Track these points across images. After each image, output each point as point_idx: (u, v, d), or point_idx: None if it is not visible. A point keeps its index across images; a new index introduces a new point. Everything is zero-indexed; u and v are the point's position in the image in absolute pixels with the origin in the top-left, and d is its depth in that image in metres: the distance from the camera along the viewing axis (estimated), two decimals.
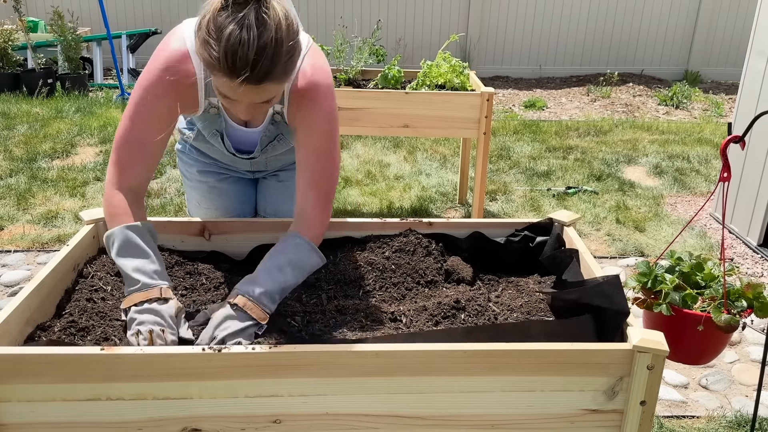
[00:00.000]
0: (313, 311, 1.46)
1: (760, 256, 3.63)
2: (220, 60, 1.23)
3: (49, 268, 1.41)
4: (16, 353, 1.13)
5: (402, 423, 1.20)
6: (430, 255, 1.67)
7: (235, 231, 1.71)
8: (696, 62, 8.45)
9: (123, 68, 7.28)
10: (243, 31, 1.20)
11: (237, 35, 1.21)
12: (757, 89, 3.64)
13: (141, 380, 1.14)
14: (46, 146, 5.07)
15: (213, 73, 1.29)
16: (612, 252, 3.67)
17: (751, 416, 2.13)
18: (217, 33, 1.22)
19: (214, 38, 1.23)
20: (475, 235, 1.72)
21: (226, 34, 1.21)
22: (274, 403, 1.17)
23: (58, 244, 3.61)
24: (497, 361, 1.16)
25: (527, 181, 4.66)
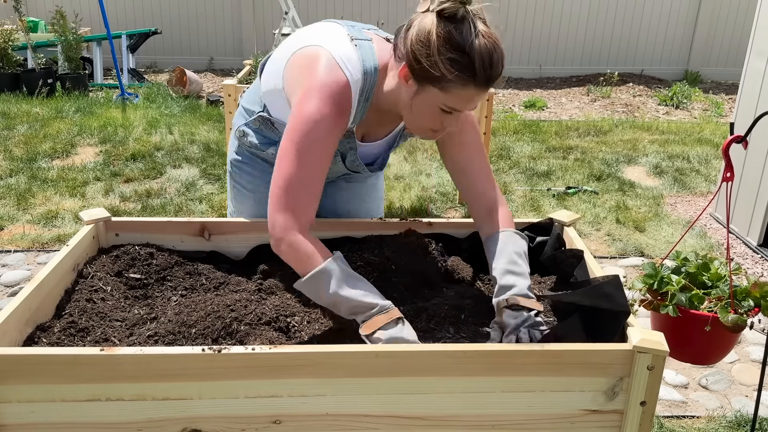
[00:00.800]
0: (313, 311, 1.46)
1: (760, 256, 3.63)
2: (478, 73, 1.29)
3: (49, 268, 1.41)
4: (16, 354, 1.13)
5: (402, 423, 1.20)
6: (430, 255, 1.67)
7: (235, 231, 1.71)
8: (696, 62, 8.45)
9: (123, 68, 7.28)
10: (485, 40, 1.28)
11: (485, 46, 1.28)
12: (757, 89, 3.64)
13: (141, 381, 1.14)
14: (46, 146, 5.07)
15: (460, 87, 1.31)
16: (612, 252, 3.67)
17: (751, 416, 2.13)
18: (467, 48, 1.27)
19: (464, 53, 1.28)
20: (475, 235, 1.72)
21: (477, 47, 1.27)
22: (273, 404, 1.17)
23: (58, 244, 3.61)
24: (497, 361, 1.16)
25: (527, 181, 4.66)
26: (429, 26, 1.29)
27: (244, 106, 1.74)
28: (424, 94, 1.36)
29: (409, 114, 1.43)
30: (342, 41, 1.48)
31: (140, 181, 4.54)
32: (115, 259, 1.61)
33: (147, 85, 7.13)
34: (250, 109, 1.71)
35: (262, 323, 1.37)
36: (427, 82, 1.33)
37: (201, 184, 4.49)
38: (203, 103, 6.58)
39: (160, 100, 6.48)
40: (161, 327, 1.35)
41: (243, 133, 1.73)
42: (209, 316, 1.37)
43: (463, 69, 1.29)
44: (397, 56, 1.40)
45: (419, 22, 1.32)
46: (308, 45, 1.49)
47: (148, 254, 1.63)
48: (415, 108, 1.40)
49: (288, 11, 7.01)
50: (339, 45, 1.46)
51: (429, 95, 1.35)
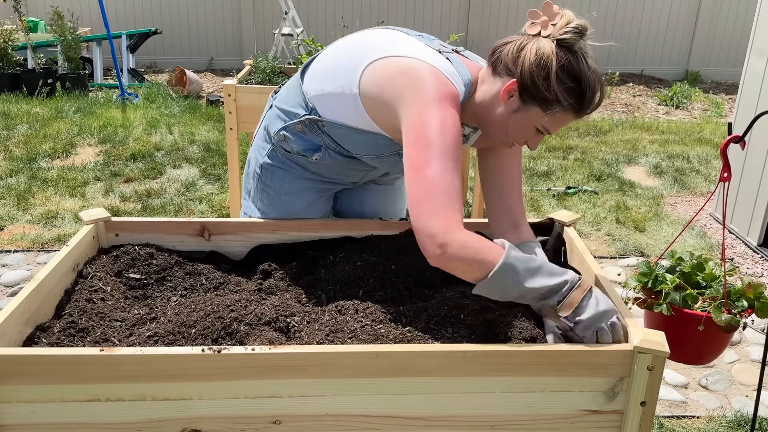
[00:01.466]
0: (312, 311, 1.46)
1: (760, 256, 3.63)
2: (585, 104, 1.40)
3: (49, 268, 1.41)
4: (16, 354, 1.13)
5: (402, 424, 1.20)
6: None
7: (235, 231, 1.71)
8: (696, 62, 8.46)
9: (123, 68, 7.28)
10: (595, 75, 1.40)
11: (595, 81, 1.39)
12: (757, 89, 3.64)
13: (140, 381, 1.14)
14: (46, 146, 5.07)
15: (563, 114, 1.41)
16: (612, 252, 3.67)
17: (751, 416, 2.13)
18: (583, 80, 1.38)
19: (580, 84, 1.38)
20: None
21: (590, 81, 1.38)
22: (273, 404, 1.17)
23: (58, 244, 3.61)
24: (497, 361, 1.16)
25: (527, 181, 4.66)
26: (548, 53, 1.36)
27: (280, 108, 1.68)
28: (526, 112, 1.42)
29: (499, 127, 1.47)
30: (429, 52, 1.48)
31: (140, 181, 4.54)
32: (115, 259, 1.61)
33: (147, 85, 7.13)
34: (290, 111, 1.65)
35: (262, 323, 1.37)
36: (534, 102, 1.40)
37: (201, 184, 4.49)
38: (203, 103, 6.58)
39: (160, 100, 6.48)
40: (161, 327, 1.34)
41: (284, 137, 1.66)
42: (209, 316, 1.37)
43: (576, 98, 1.38)
44: (497, 72, 1.45)
45: (536, 46, 1.38)
46: (394, 56, 1.46)
47: (148, 254, 1.63)
48: (512, 123, 1.45)
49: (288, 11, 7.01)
50: (432, 57, 1.46)
51: (530, 114, 1.42)
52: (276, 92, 1.78)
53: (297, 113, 1.63)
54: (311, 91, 1.60)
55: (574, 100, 1.38)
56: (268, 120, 1.75)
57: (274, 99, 1.75)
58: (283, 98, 1.71)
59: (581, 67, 1.37)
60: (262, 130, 1.78)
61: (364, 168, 1.73)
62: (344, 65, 1.54)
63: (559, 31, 1.37)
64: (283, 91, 1.74)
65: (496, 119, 1.46)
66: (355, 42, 1.59)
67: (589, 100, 1.39)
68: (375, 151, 1.61)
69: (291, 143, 1.67)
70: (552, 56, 1.36)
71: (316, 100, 1.59)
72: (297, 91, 1.66)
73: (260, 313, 1.40)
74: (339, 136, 1.60)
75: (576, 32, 1.37)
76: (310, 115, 1.60)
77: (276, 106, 1.72)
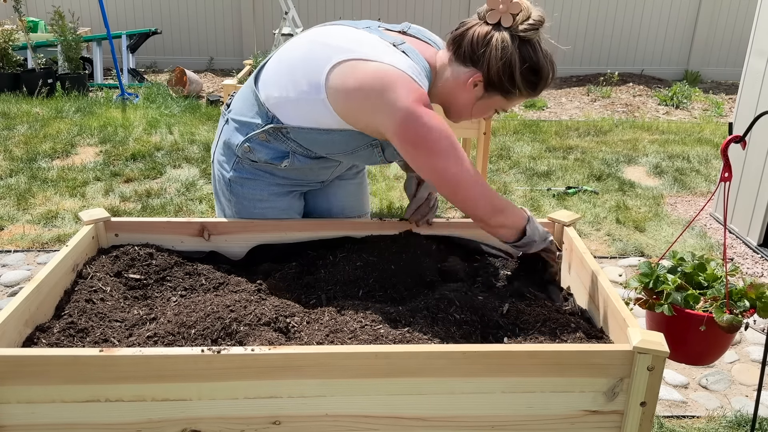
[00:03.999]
0: (312, 311, 1.46)
1: (760, 256, 3.62)
2: (541, 88, 1.55)
3: (49, 268, 1.41)
4: (16, 354, 1.13)
5: (402, 424, 1.20)
6: (430, 255, 1.67)
7: (235, 231, 1.71)
8: (696, 62, 8.46)
9: (123, 68, 7.28)
10: (548, 62, 1.53)
11: (549, 67, 1.53)
12: (757, 89, 3.64)
13: (140, 381, 1.14)
14: (46, 146, 5.07)
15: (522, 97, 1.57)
16: (612, 252, 3.66)
17: (751, 416, 2.13)
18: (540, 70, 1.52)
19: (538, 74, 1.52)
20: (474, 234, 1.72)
21: (545, 69, 1.52)
22: (273, 405, 1.17)
23: (58, 244, 3.61)
24: (497, 362, 1.16)
25: (527, 181, 4.66)
26: (513, 51, 1.47)
27: (237, 120, 1.66)
28: (489, 99, 1.56)
29: (465, 110, 1.61)
30: (390, 51, 1.51)
31: (140, 181, 4.54)
32: (115, 259, 1.61)
33: (147, 85, 7.13)
34: (250, 122, 1.63)
35: (262, 324, 1.37)
36: (497, 92, 1.54)
37: (201, 184, 4.49)
38: (203, 103, 6.58)
39: (160, 100, 6.48)
40: (161, 327, 1.34)
41: (248, 149, 1.64)
42: (209, 316, 1.37)
43: (533, 86, 1.53)
44: (459, 59, 1.54)
45: (501, 43, 1.47)
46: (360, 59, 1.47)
47: (148, 254, 1.63)
48: (476, 108, 1.59)
49: (288, 11, 7.01)
50: (394, 57, 1.50)
51: (493, 100, 1.56)
52: (228, 105, 1.75)
53: (257, 123, 1.61)
54: (270, 99, 1.58)
55: (532, 88, 1.54)
56: (226, 135, 1.71)
57: (229, 112, 1.71)
58: (238, 110, 1.68)
59: (539, 60, 1.50)
60: (221, 145, 1.74)
61: (332, 165, 1.75)
62: (304, 68, 1.53)
63: (520, 25, 1.47)
64: (236, 103, 1.71)
65: (462, 103, 1.59)
66: (310, 43, 1.57)
67: (544, 85, 1.55)
68: (347, 148, 1.61)
69: (257, 153, 1.64)
70: (515, 54, 1.48)
71: (277, 108, 1.57)
72: (253, 100, 1.63)
73: (260, 313, 1.40)
74: (306, 140, 1.59)
75: (534, 27, 1.48)
76: (272, 124, 1.58)
77: (232, 120, 1.68)
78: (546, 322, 1.40)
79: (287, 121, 1.57)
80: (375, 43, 1.53)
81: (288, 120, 1.56)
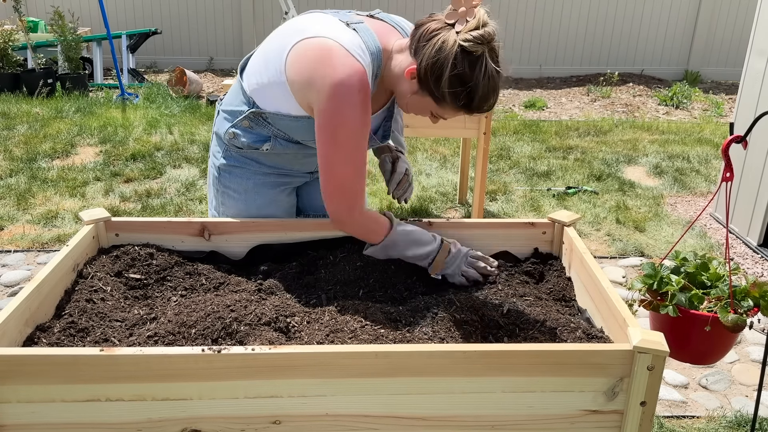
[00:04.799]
0: (312, 311, 1.46)
1: (760, 256, 3.63)
2: (473, 107, 1.45)
3: (49, 268, 1.41)
4: (16, 354, 1.13)
5: (402, 424, 1.20)
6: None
7: (235, 231, 1.71)
8: (696, 62, 8.45)
9: (123, 68, 7.28)
10: (490, 81, 1.41)
11: (487, 87, 1.41)
12: (757, 89, 3.64)
13: (140, 381, 1.14)
14: (46, 146, 5.07)
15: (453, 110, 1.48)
16: (612, 252, 3.67)
17: (751, 416, 2.13)
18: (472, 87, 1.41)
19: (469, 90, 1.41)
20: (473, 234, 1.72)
21: (480, 88, 1.41)
22: (273, 404, 1.17)
23: (58, 244, 3.61)
24: (497, 361, 1.16)
25: (527, 181, 4.66)
26: (448, 54, 1.40)
27: (226, 110, 1.74)
28: (422, 97, 1.50)
29: (403, 100, 1.57)
30: (340, 28, 1.53)
31: (140, 181, 4.54)
32: (115, 259, 1.61)
33: (147, 85, 7.13)
34: (234, 110, 1.70)
35: (262, 323, 1.37)
36: (426, 91, 1.47)
37: (201, 184, 4.49)
38: (203, 103, 6.58)
39: (160, 100, 6.48)
40: (161, 327, 1.34)
41: (233, 135, 1.71)
42: (209, 316, 1.37)
43: (462, 102, 1.44)
44: (410, 50, 1.49)
45: (440, 44, 1.41)
46: (308, 36, 1.52)
47: (148, 254, 1.63)
48: (411, 101, 1.54)
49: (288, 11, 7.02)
50: (340, 33, 1.51)
51: (425, 100, 1.50)
52: (221, 100, 1.83)
53: (241, 111, 1.68)
54: (250, 87, 1.66)
55: (460, 103, 1.44)
56: (216, 126, 1.80)
57: (220, 105, 1.79)
58: (227, 101, 1.76)
59: (474, 75, 1.40)
60: (214, 138, 1.83)
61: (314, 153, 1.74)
62: (272, 55, 1.60)
63: (465, 34, 1.39)
64: (227, 95, 1.79)
65: (401, 92, 1.56)
66: (282, 31, 1.63)
67: (477, 105, 1.45)
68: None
69: (240, 138, 1.71)
70: (449, 58, 1.39)
71: (255, 94, 1.64)
72: (238, 90, 1.71)
73: (260, 313, 1.40)
74: (283, 125, 1.65)
75: (479, 42, 1.38)
76: (253, 109, 1.65)
77: (222, 111, 1.76)
78: (546, 322, 1.40)
79: (265, 107, 1.64)
80: (327, 21, 1.57)
81: (265, 105, 1.64)
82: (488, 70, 1.40)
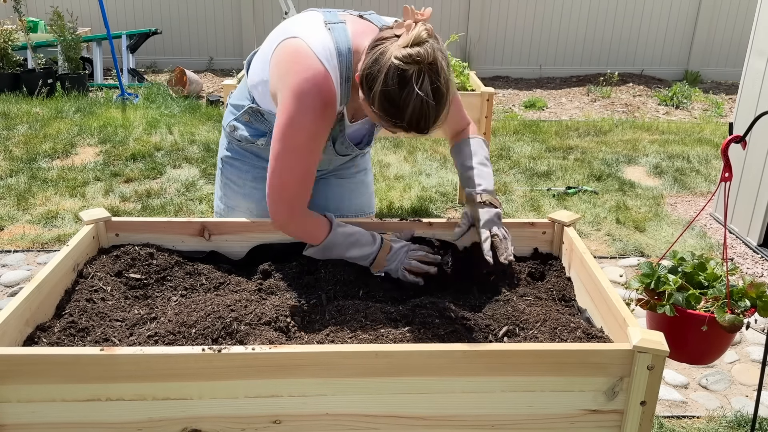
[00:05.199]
0: (313, 311, 1.46)
1: (760, 256, 3.63)
2: (405, 127, 1.36)
3: (49, 268, 1.41)
4: (16, 354, 1.13)
5: (402, 423, 1.20)
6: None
7: (235, 231, 1.71)
8: (696, 62, 8.45)
9: (123, 68, 7.28)
10: (423, 105, 1.31)
11: (419, 110, 1.31)
12: (757, 89, 3.64)
13: (141, 381, 1.14)
14: (46, 146, 5.07)
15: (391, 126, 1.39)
16: (612, 252, 3.67)
17: (751, 416, 2.13)
18: (401, 105, 1.32)
19: (398, 109, 1.33)
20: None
21: (410, 111, 1.32)
22: (273, 404, 1.17)
23: (58, 244, 3.61)
24: (497, 361, 1.16)
25: (527, 181, 4.66)
26: (381, 67, 1.32)
27: (232, 104, 1.80)
28: (367, 105, 1.42)
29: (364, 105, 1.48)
30: (317, 28, 1.54)
31: (140, 181, 4.54)
32: (115, 259, 1.61)
33: (147, 85, 7.13)
34: (238, 104, 1.75)
35: (262, 323, 1.37)
36: (366, 103, 1.41)
37: (201, 184, 4.49)
38: (203, 103, 6.58)
39: (160, 100, 6.48)
40: (161, 327, 1.35)
41: (233, 127, 1.77)
42: (209, 316, 1.37)
43: (393, 120, 1.36)
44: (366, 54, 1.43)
45: (380, 52, 1.34)
46: (288, 36, 1.54)
47: (148, 254, 1.63)
48: (364, 105, 1.45)
49: (288, 11, 7.01)
50: (314, 32, 1.52)
51: (370, 108, 1.42)
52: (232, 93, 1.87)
53: (243, 105, 1.73)
54: (251, 82, 1.69)
55: (391, 121, 1.36)
56: (224, 119, 1.84)
57: (230, 98, 1.84)
58: (234, 94, 1.81)
59: (404, 95, 1.31)
60: (223, 131, 1.87)
61: None
62: (264, 53, 1.63)
63: (401, 50, 1.31)
64: (236, 90, 1.84)
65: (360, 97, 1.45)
66: (276, 30, 1.65)
67: (409, 125, 1.35)
68: None
69: (240, 131, 1.76)
70: (381, 72, 1.32)
71: (253, 90, 1.68)
72: (244, 84, 1.75)
73: (260, 313, 1.40)
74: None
75: (409, 60, 1.29)
76: (252, 104, 1.69)
77: (229, 103, 1.81)
78: (546, 322, 1.40)
79: (261, 104, 1.68)
80: (309, 21, 1.58)
81: (261, 103, 1.68)
82: (422, 91, 1.29)
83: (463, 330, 1.40)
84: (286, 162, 1.51)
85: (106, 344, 1.31)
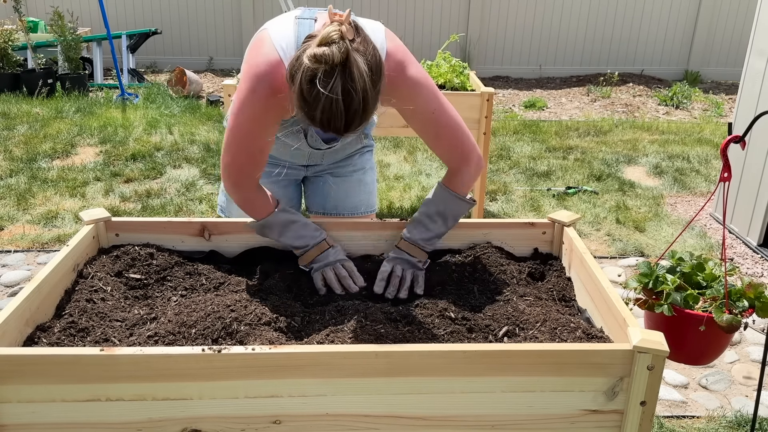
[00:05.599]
0: (313, 311, 1.46)
1: (760, 256, 3.63)
2: (319, 126, 1.35)
3: (49, 268, 1.41)
4: (16, 354, 1.13)
5: (402, 423, 1.20)
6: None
7: (235, 231, 1.71)
8: (696, 62, 8.45)
9: (123, 68, 7.28)
10: (333, 105, 1.30)
11: (328, 110, 1.31)
12: (757, 89, 3.64)
13: (140, 381, 1.14)
14: (46, 146, 5.07)
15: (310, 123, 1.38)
16: (612, 252, 3.67)
17: (751, 416, 2.13)
18: (312, 103, 1.32)
19: (310, 106, 1.32)
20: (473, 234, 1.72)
21: (319, 110, 1.31)
22: (273, 404, 1.17)
23: (58, 244, 3.61)
24: (497, 361, 1.16)
25: (527, 181, 4.66)
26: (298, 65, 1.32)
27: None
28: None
29: None
30: (286, 22, 1.58)
31: (140, 181, 4.54)
32: (115, 259, 1.61)
33: (147, 85, 7.13)
34: None
35: (262, 323, 1.37)
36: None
37: (201, 184, 4.49)
38: (203, 103, 6.58)
39: (160, 100, 6.48)
40: (161, 327, 1.35)
41: None
42: (209, 316, 1.37)
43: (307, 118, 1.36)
44: None
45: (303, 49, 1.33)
46: (261, 29, 1.61)
47: (148, 254, 1.63)
48: None
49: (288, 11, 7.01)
50: (281, 25, 1.57)
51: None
52: None
53: None
54: None
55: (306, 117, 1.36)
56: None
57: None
58: None
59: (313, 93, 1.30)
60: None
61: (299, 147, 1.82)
62: None
63: (313, 48, 1.30)
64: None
65: None
66: None
67: (321, 124, 1.34)
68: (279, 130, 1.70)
69: None
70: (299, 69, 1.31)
71: None
72: None
73: (260, 313, 1.40)
74: None
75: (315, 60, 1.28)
76: None
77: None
78: (546, 322, 1.40)
79: None
80: (284, 15, 1.64)
81: None
82: (331, 92, 1.28)
83: (463, 330, 1.40)
84: (233, 140, 1.58)
85: (106, 344, 1.31)
